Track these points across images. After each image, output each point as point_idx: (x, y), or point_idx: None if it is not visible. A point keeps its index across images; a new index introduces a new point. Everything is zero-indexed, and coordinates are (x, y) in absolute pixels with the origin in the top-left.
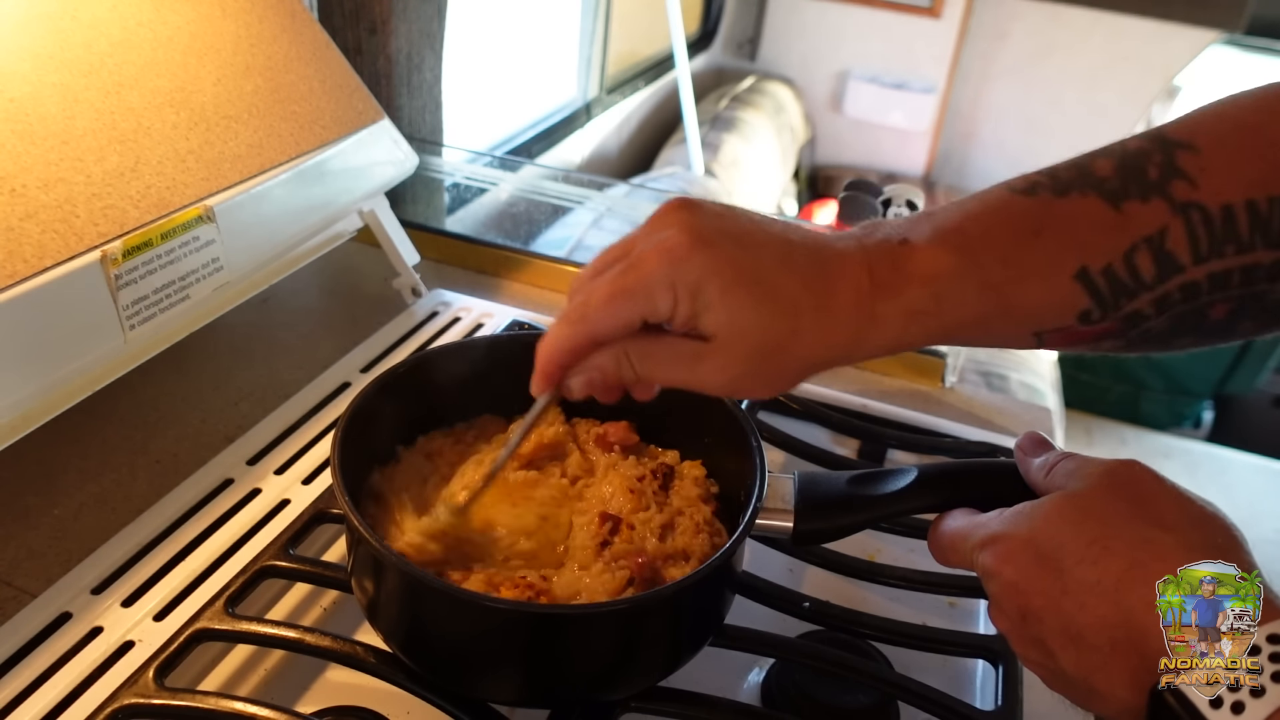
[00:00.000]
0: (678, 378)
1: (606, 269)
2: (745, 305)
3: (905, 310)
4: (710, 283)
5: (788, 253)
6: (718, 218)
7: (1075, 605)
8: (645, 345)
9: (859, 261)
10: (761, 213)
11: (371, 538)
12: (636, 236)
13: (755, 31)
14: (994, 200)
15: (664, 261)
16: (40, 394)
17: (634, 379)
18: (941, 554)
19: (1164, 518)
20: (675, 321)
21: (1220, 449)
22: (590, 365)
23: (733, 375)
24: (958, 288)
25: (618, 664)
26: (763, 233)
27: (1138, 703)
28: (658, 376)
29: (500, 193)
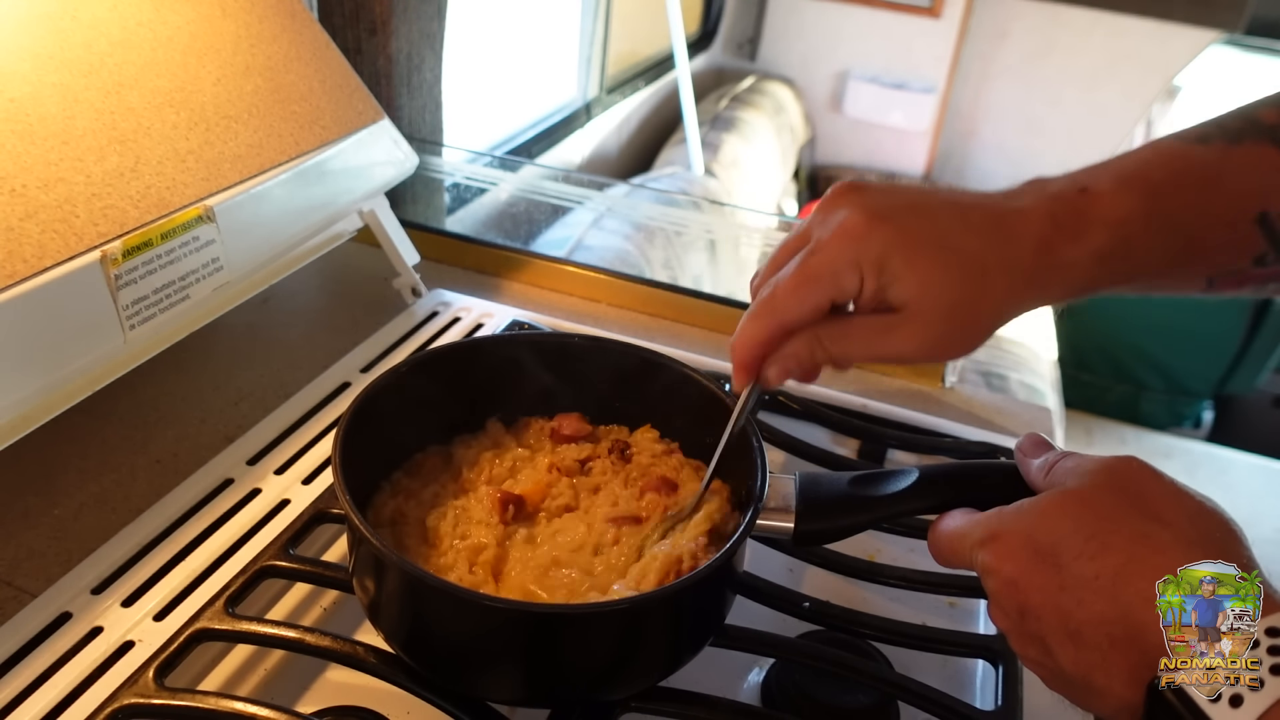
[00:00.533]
0: (873, 352)
1: (787, 260)
2: (932, 271)
3: (1094, 254)
4: (894, 255)
5: (964, 215)
6: (887, 193)
7: (1073, 601)
8: (837, 326)
9: (1040, 213)
10: (932, 186)
11: (373, 537)
12: (811, 224)
13: (755, 31)
14: (1170, 149)
15: (845, 242)
16: (40, 394)
17: (827, 360)
18: (941, 554)
19: (1162, 513)
20: (863, 298)
21: (1220, 449)
22: (785, 354)
23: (928, 340)
24: (1146, 231)
25: (617, 664)
26: (935, 200)
27: (1136, 699)
28: (853, 354)
29: (500, 193)
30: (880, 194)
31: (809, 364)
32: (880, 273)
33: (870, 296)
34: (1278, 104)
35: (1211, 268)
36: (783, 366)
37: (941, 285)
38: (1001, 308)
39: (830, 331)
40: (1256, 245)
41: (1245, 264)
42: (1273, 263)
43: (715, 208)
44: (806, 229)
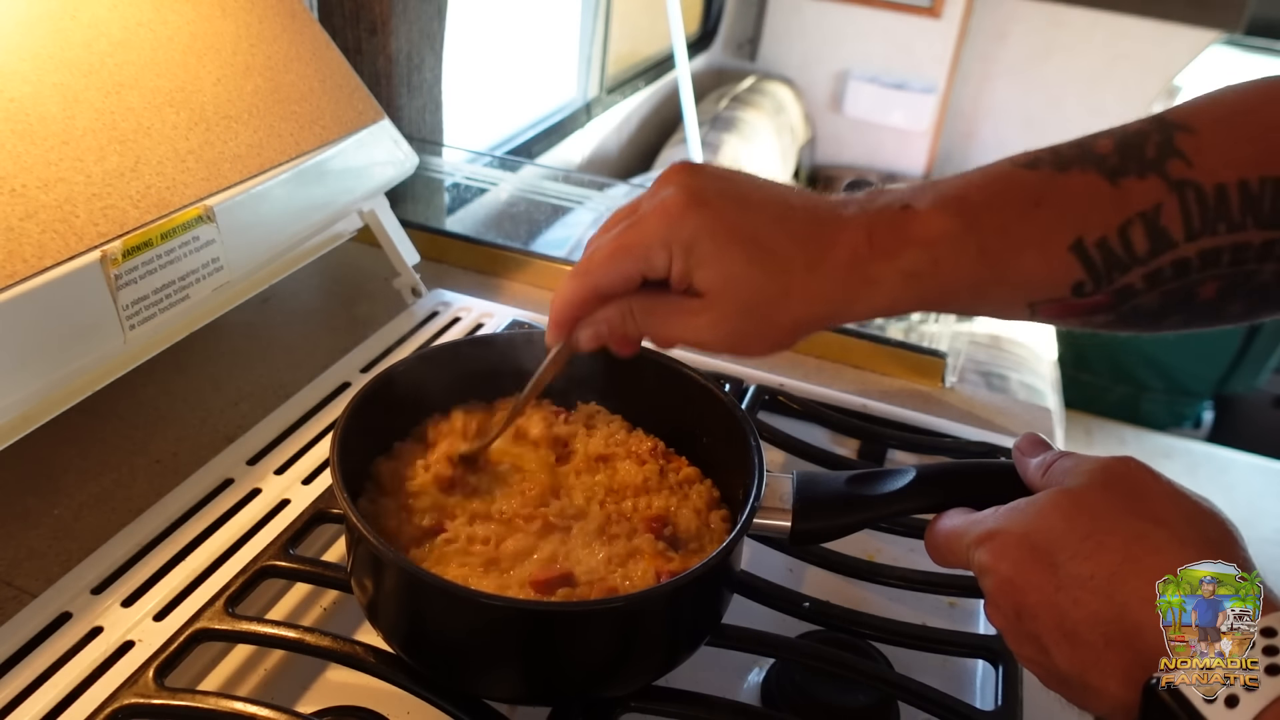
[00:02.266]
0: (676, 333)
1: (614, 227)
2: (736, 262)
3: (902, 271)
4: (703, 240)
5: (785, 214)
6: (718, 179)
7: (1069, 601)
8: (648, 301)
9: (859, 224)
10: (769, 178)
11: (371, 536)
12: (642, 198)
13: (755, 31)
14: (997, 172)
15: (662, 220)
16: (40, 394)
17: (637, 333)
18: (938, 553)
19: (1158, 513)
20: (672, 277)
21: (1220, 449)
22: (598, 318)
23: (726, 331)
24: (956, 252)
25: (614, 661)
26: (763, 194)
27: (1131, 698)
28: (659, 331)
29: (500, 193)
30: (710, 179)
31: (620, 332)
32: (688, 255)
33: (679, 277)
34: (1117, 134)
35: (1029, 294)
36: (595, 330)
37: (743, 278)
38: (802, 314)
39: (641, 304)
40: (1073, 273)
41: (1064, 292)
42: (1091, 292)
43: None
44: (638, 200)
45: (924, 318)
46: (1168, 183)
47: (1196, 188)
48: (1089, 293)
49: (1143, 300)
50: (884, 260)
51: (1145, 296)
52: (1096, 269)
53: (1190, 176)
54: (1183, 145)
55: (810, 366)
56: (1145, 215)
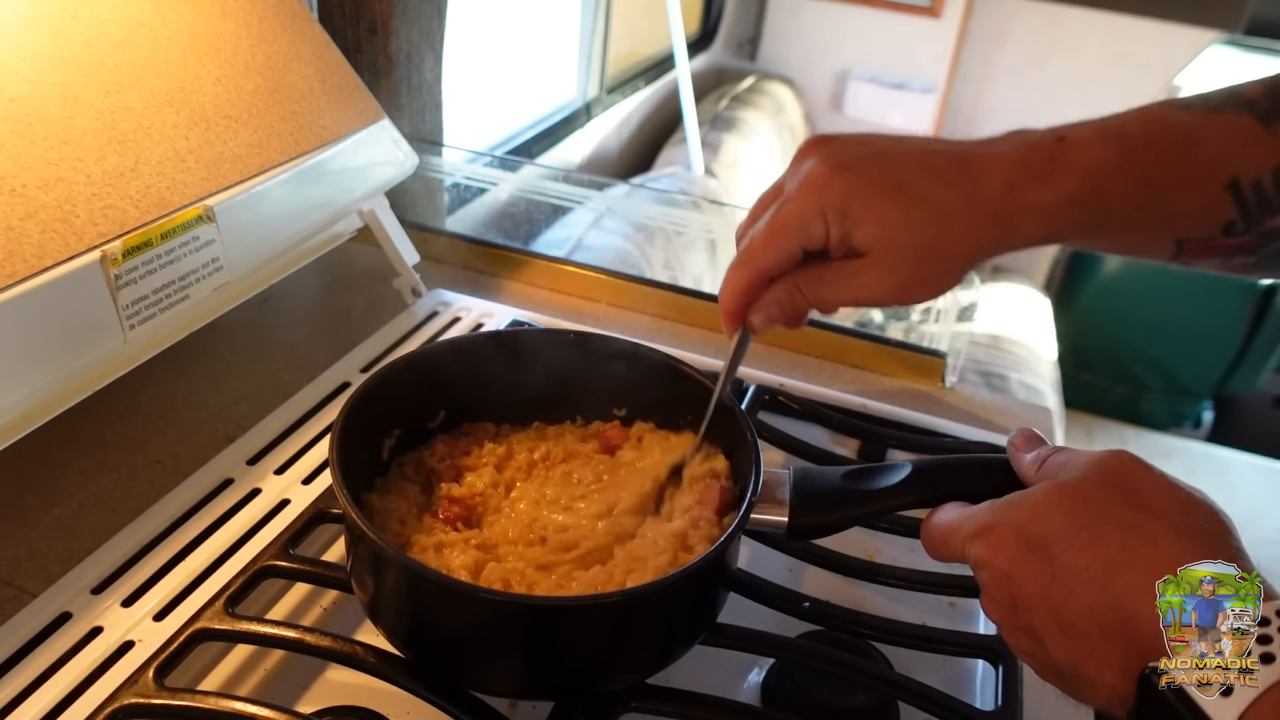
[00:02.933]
0: (847, 296)
1: (764, 211)
2: (891, 214)
3: (1063, 197)
4: (854, 201)
5: (928, 160)
6: (854, 144)
7: (1064, 592)
8: (813, 272)
9: (1010, 158)
10: (906, 135)
11: (371, 533)
12: (784, 177)
13: (755, 31)
14: (1153, 112)
15: (810, 192)
16: (40, 394)
17: (807, 305)
18: (934, 547)
19: (1152, 504)
20: (832, 244)
21: (1220, 449)
22: (767, 300)
23: (895, 282)
24: (1119, 182)
25: (610, 655)
26: (902, 148)
27: (1126, 688)
28: (828, 298)
29: (500, 193)
30: (847, 144)
31: (790, 309)
32: (843, 219)
33: (838, 242)
34: (1264, 82)
35: (1181, 230)
36: (766, 313)
37: (901, 228)
38: (965, 248)
39: (807, 277)
40: (1226, 211)
41: (1215, 231)
42: (1241, 232)
43: (715, 208)
44: (780, 182)
45: (924, 317)
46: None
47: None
48: (1239, 233)
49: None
50: (1043, 186)
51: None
52: (1249, 209)
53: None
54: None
55: (810, 366)
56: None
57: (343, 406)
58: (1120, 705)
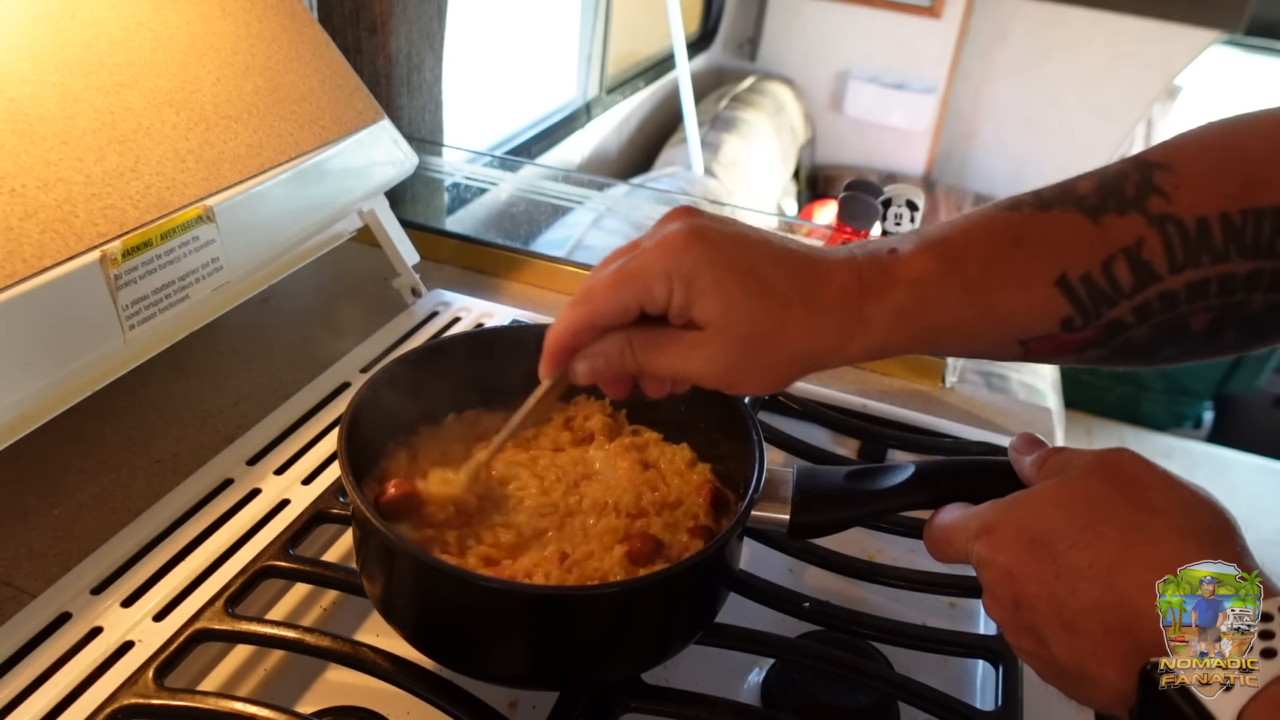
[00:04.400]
0: (674, 367)
1: (613, 262)
2: (735, 294)
3: (891, 311)
4: (704, 273)
5: (781, 254)
6: (717, 220)
7: (1068, 590)
8: (647, 334)
9: (849, 267)
10: (764, 230)
11: (383, 527)
12: (643, 237)
13: (755, 31)
14: (979, 217)
15: (663, 253)
16: (40, 394)
17: (635, 367)
18: (936, 548)
19: (1155, 502)
20: (671, 309)
21: (1220, 449)
22: (595, 350)
23: (724, 365)
24: (940, 290)
25: (611, 644)
26: (759, 236)
27: (1130, 686)
28: (657, 365)
29: (500, 193)
30: (711, 219)
31: (618, 366)
32: (688, 287)
33: (678, 310)
34: (1097, 176)
35: (1018, 331)
36: (591, 364)
37: (743, 310)
38: (799, 350)
39: (640, 337)
40: (1060, 308)
41: (1053, 328)
42: (1080, 327)
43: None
44: (639, 239)
45: None
46: (1148, 218)
47: (1177, 222)
48: (1078, 328)
49: (1134, 334)
50: (874, 300)
51: (1136, 330)
52: (1083, 303)
53: (1170, 211)
54: (1162, 182)
55: None
56: (1128, 250)
57: (350, 401)
58: (1122, 704)
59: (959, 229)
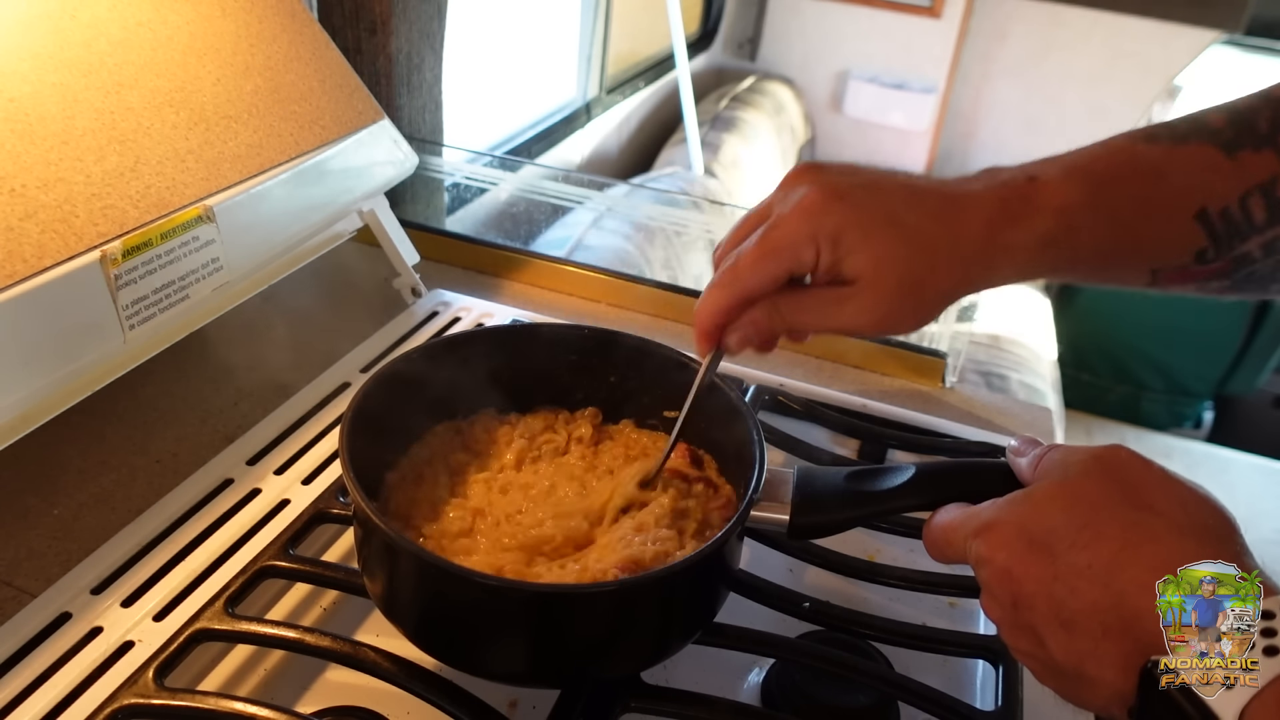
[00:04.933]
0: (827, 321)
1: (748, 233)
2: (884, 246)
3: (1038, 238)
4: (849, 230)
5: (917, 196)
6: (845, 173)
7: (1066, 590)
8: (794, 297)
9: (988, 198)
10: (892, 169)
11: (385, 525)
12: (772, 200)
13: (755, 31)
14: (1118, 146)
15: (804, 217)
16: (40, 394)
17: (785, 329)
18: (935, 548)
19: (1154, 501)
20: (820, 270)
21: (1220, 449)
22: (745, 321)
23: (880, 314)
24: (1090, 219)
25: (609, 642)
26: (890, 181)
27: (1129, 687)
28: (808, 323)
29: (500, 193)
30: (838, 173)
31: (767, 332)
32: (835, 246)
33: (826, 269)
34: (1227, 110)
35: (1154, 260)
36: (743, 334)
37: (893, 260)
38: (950, 284)
39: (788, 302)
40: (1197, 240)
41: (1187, 259)
42: (1213, 259)
43: (715, 208)
44: (768, 204)
45: None
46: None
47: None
48: (1210, 260)
49: (1258, 267)
50: (1019, 228)
51: (1261, 263)
52: (1219, 236)
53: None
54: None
55: (810, 366)
56: (1262, 186)
57: (352, 400)
58: (1121, 705)
59: (1099, 157)
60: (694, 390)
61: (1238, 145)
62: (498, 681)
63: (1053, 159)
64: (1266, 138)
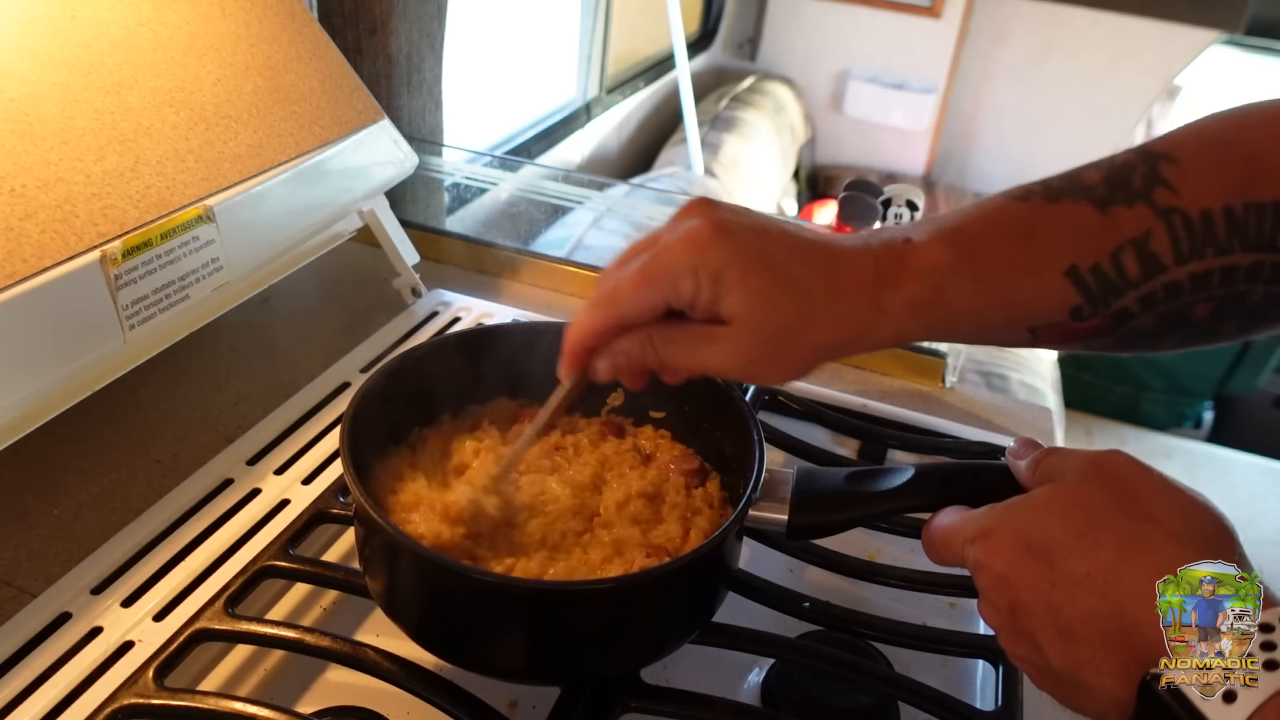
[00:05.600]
0: (697, 361)
1: (634, 259)
2: (762, 289)
3: (908, 301)
4: (730, 268)
5: (801, 246)
6: (737, 213)
7: (1064, 598)
8: (668, 330)
9: (866, 257)
10: (782, 218)
11: (386, 524)
12: (661, 231)
13: (755, 31)
14: (990, 206)
15: (688, 249)
16: (40, 394)
17: (657, 363)
18: (934, 551)
19: (1152, 510)
20: (697, 305)
21: (1220, 449)
22: (616, 349)
23: (748, 358)
24: (955, 281)
25: (607, 640)
26: (778, 227)
27: (1127, 695)
28: (679, 359)
29: (500, 193)
30: (730, 212)
31: (638, 363)
32: (715, 283)
33: (704, 305)
34: (1105, 166)
35: (1028, 320)
36: (612, 362)
37: (769, 305)
38: (823, 340)
39: (661, 333)
40: (1069, 298)
41: (1061, 317)
42: (1089, 316)
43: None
44: (657, 233)
45: None
46: (1155, 210)
47: (1183, 214)
48: (1086, 317)
49: (1139, 322)
50: (891, 289)
51: (1141, 319)
52: (1092, 293)
53: (1176, 204)
54: (1168, 174)
55: None
56: (1135, 241)
57: (352, 399)
58: (1119, 713)
59: (971, 218)
60: (545, 414)
61: (1111, 200)
62: (498, 678)
63: (929, 220)
64: (1140, 193)
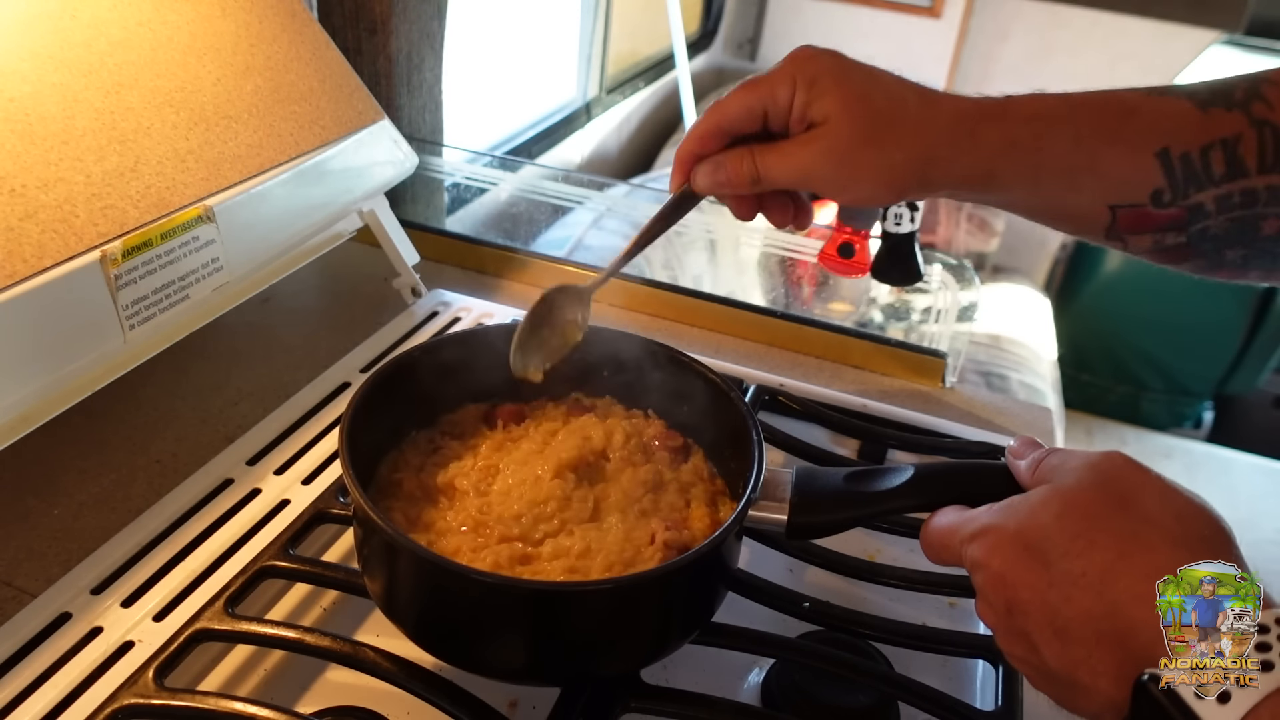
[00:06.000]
0: (792, 163)
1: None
2: (855, 92)
3: (1005, 140)
4: (826, 75)
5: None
6: (842, 54)
7: (1061, 598)
8: (767, 144)
9: (969, 99)
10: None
11: (385, 524)
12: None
13: (755, 31)
14: (1093, 90)
15: (789, 63)
16: (40, 394)
17: (754, 174)
18: (932, 550)
19: (1149, 512)
20: (794, 112)
21: (1220, 449)
22: (718, 159)
23: (839, 158)
24: (1057, 132)
25: (607, 640)
26: (882, 68)
27: (1121, 696)
28: (775, 166)
29: (500, 193)
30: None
31: (735, 174)
32: (810, 87)
33: (800, 110)
34: (1208, 82)
35: (1113, 194)
36: (714, 171)
37: (861, 106)
38: (914, 150)
39: (761, 148)
40: (1154, 178)
41: (1143, 198)
42: (1168, 202)
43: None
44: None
45: (924, 318)
46: (1250, 119)
47: (1275, 128)
48: (1166, 203)
49: (1212, 224)
50: (991, 123)
51: (1215, 220)
52: (1176, 179)
53: (1269, 118)
54: (1267, 93)
55: (810, 366)
56: (1226, 142)
57: (350, 399)
58: (1114, 714)
59: (1079, 93)
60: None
61: (1211, 103)
62: (497, 679)
63: (1038, 91)
64: (1240, 103)
